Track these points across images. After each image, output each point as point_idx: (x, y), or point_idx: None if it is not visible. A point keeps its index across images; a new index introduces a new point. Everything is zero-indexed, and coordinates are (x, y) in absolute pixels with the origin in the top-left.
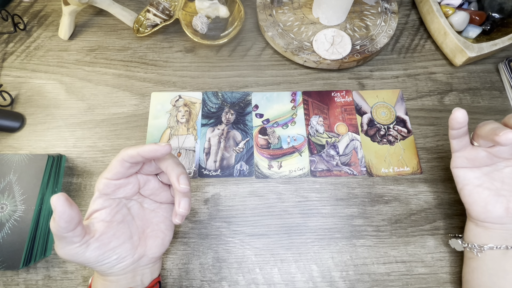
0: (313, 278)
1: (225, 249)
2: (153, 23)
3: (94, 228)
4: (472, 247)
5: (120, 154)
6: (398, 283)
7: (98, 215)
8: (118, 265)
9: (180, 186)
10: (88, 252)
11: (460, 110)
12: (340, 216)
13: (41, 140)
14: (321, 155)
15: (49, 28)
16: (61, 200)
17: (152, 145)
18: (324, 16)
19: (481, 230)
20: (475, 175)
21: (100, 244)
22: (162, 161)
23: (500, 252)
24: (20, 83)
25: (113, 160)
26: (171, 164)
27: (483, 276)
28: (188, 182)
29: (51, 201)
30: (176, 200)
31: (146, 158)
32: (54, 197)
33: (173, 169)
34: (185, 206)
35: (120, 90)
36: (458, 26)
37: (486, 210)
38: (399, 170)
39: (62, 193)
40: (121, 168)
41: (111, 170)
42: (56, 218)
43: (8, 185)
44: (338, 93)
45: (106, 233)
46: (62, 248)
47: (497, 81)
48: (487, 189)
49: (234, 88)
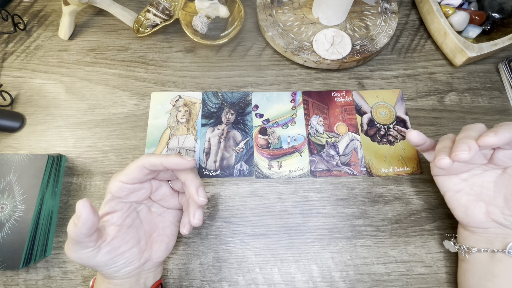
0: (313, 278)
1: (225, 249)
2: (153, 23)
3: (106, 232)
4: (461, 248)
5: (141, 160)
6: (398, 283)
7: (110, 218)
8: (124, 269)
9: (199, 199)
10: (99, 256)
11: (411, 132)
12: (340, 216)
13: (41, 140)
14: (321, 155)
15: (49, 28)
16: (87, 207)
17: (177, 158)
18: (324, 16)
19: (468, 233)
20: (454, 182)
21: (110, 249)
22: (182, 172)
23: (487, 255)
24: (20, 83)
25: (132, 164)
26: (190, 175)
27: (473, 278)
28: (205, 195)
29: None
30: (190, 210)
31: (168, 169)
32: (80, 203)
33: (193, 181)
34: (199, 217)
35: (120, 90)
36: (458, 26)
37: (466, 215)
38: (399, 170)
39: (87, 198)
40: (139, 174)
41: (128, 174)
42: (79, 224)
43: (8, 185)
44: (338, 93)
45: (117, 237)
46: (75, 252)
47: (497, 81)
48: (467, 195)
49: (234, 88)
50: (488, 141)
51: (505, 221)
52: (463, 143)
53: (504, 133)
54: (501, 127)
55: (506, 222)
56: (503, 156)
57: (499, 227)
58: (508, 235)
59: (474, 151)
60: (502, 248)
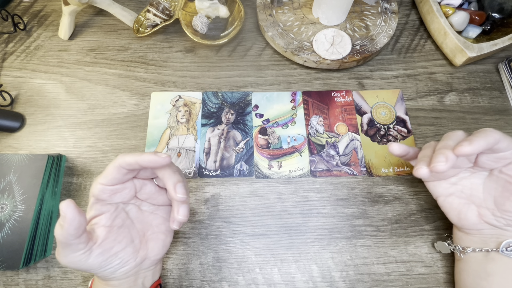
0: (313, 278)
1: (225, 249)
2: (153, 23)
3: (95, 234)
4: (457, 249)
5: (117, 160)
6: (398, 283)
7: (98, 220)
8: (121, 270)
9: (177, 196)
10: (91, 259)
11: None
12: (340, 216)
13: (41, 140)
14: (321, 155)
15: (49, 28)
16: (71, 207)
17: (151, 155)
18: (324, 16)
19: (462, 235)
20: (444, 186)
21: (102, 250)
22: (159, 169)
23: (481, 255)
24: (20, 83)
25: (109, 165)
26: (168, 172)
27: (469, 277)
28: (184, 190)
29: (60, 208)
30: (174, 207)
31: (144, 167)
32: (64, 203)
33: (170, 178)
34: (183, 213)
35: (120, 90)
36: (458, 26)
37: (460, 218)
38: (399, 170)
39: (70, 199)
40: (117, 174)
41: (106, 176)
42: (65, 225)
43: (8, 185)
44: (338, 93)
45: (108, 238)
46: (66, 256)
47: (497, 81)
48: (458, 198)
49: (234, 88)
50: (463, 151)
51: (497, 222)
52: (440, 154)
53: (478, 141)
54: (477, 135)
55: (498, 223)
56: (486, 159)
57: (492, 228)
58: (501, 235)
59: (451, 161)
60: (496, 247)
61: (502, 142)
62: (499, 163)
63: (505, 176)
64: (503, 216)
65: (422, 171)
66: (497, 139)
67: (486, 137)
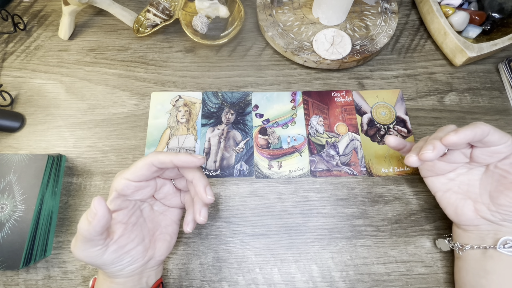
0: (313, 278)
1: (225, 249)
2: (153, 23)
3: (112, 230)
4: (455, 246)
5: (149, 158)
6: (398, 283)
7: (116, 216)
8: (129, 267)
9: (207, 197)
10: (106, 254)
11: (389, 137)
12: (340, 216)
13: (41, 140)
14: (321, 155)
15: (49, 28)
16: (102, 205)
17: (187, 156)
18: (324, 16)
19: (461, 231)
20: (442, 182)
21: (117, 247)
22: (189, 171)
23: (479, 252)
24: (20, 83)
25: (139, 162)
26: (198, 174)
27: (468, 275)
28: (213, 193)
29: (92, 204)
30: (196, 208)
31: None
32: (96, 200)
33: (200, 180)
34: (205, 214)
35: (120, 90)
36: (458, 26)
37: (457, 213)
38: (399, 170)
39: (101, 196)
40: (147, 172)
41: (135, 172)
42: (94, 221)
43: (8, 185)
44: (338, 93)
45: (123, 235)
46: (84, 251)
47: (497, 81)
48: (455, 193)
49: (234, 88)
50: (449, 140)
51: (492, 217)
52: (429, 143)
53: (464, 132)
54: (465, 127)
55: (494, 218)
56: (480, 153)
57: (489, 224)
58: (498, 231)
59: (438, 149)
60: (493, 244)
61: (492, 135)
62: (494, 158)
63: (500, 171)
64: (498, 210)
65: (412, 159)
66: (486, 131)
67: (473, 129)
